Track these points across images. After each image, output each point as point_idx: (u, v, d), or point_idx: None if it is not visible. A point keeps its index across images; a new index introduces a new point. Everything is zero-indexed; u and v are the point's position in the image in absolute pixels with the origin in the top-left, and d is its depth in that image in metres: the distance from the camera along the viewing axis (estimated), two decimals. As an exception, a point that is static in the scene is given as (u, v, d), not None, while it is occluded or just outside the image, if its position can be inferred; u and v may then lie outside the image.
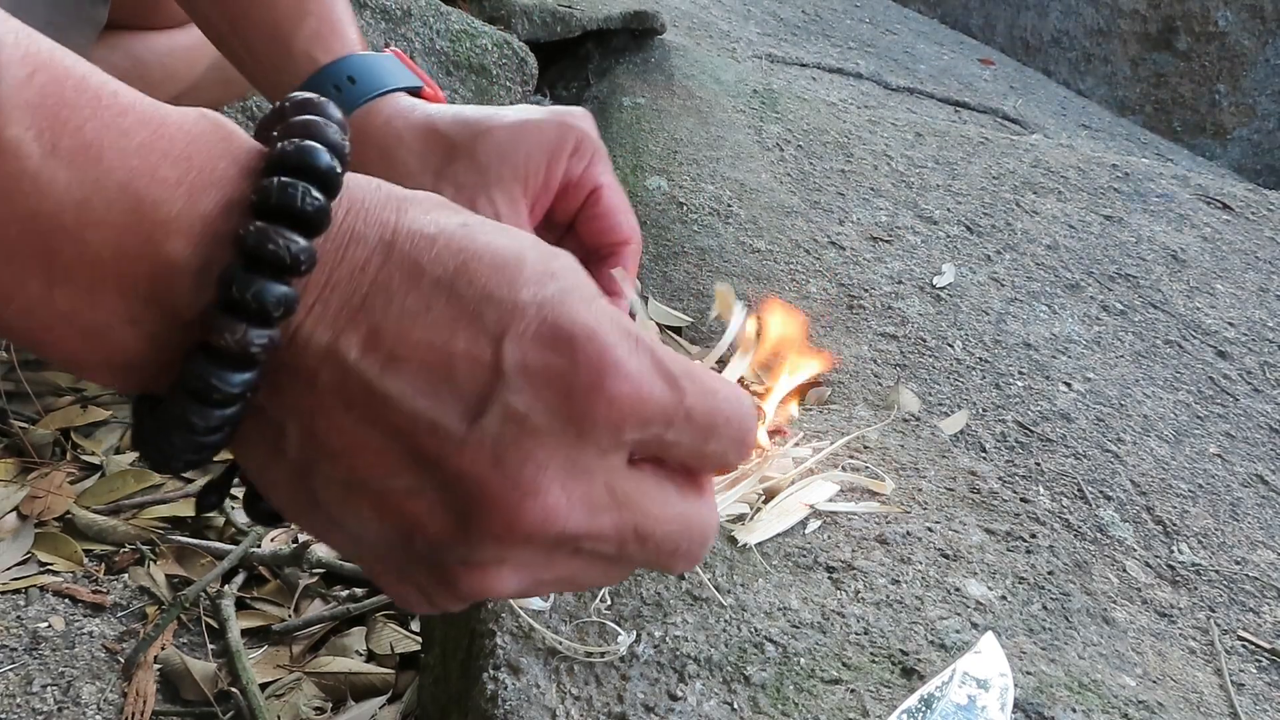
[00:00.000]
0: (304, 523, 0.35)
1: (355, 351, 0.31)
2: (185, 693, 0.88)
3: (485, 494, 0.31)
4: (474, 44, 1.50)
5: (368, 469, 0.32)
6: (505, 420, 0.31)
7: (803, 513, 0.69)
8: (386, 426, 0.31)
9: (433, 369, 0.31)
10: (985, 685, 0.58)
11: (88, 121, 0.29)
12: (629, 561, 0.35)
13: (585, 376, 0.31)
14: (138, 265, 0.30)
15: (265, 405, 0.33)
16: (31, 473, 1.04)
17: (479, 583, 0.33)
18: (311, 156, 0.31)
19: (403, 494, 0.32)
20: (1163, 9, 3.70)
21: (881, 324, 1.01)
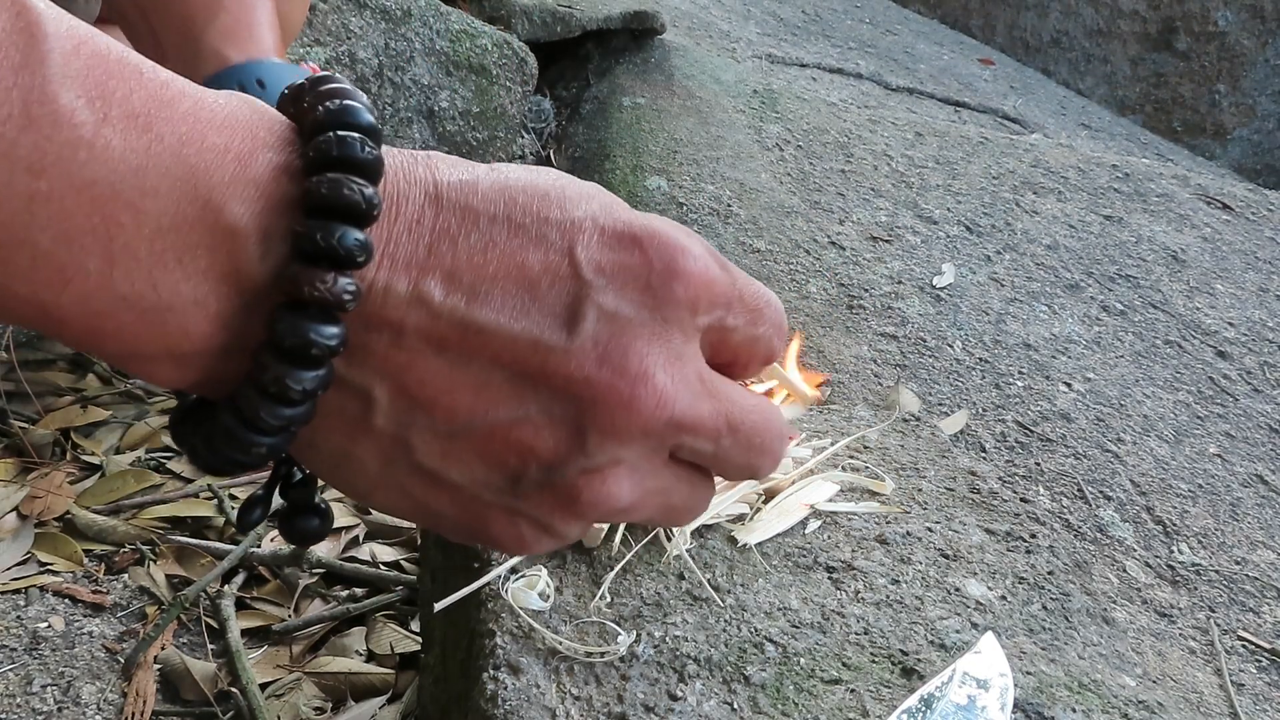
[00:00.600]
0: (392, 499, 0.35)
1: (440, 292, 0.31)
2: (185, 693, 0.88)
3: (598, 391, 0.32)
4: (474, 44, 1.50)
5: (471, 408, 0.32)
6: (600, 320, 0.32)
7: (803, 513, 0.69)
8: (485, 358, 0.32)
9: (518, 291, 0.32)
10: (985, 685, 0.58)
11: (134, 92, 0.29)
12: (723, 460, 0.36)
13: (659, 264, 0.33)
14: (198, 234, 0.29)
15: (346, 375, 0.32)
16: (31, 473, 1.04)
17: (600, 488, 0.33)
18: (355, 115, 0.32)
19: (510, 424, 0.32)
20: (1163, 9, 3.70)
21: (881, 324, 1.01)
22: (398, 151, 0.34)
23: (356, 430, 0.33)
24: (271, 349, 0.30)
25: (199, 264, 0.30)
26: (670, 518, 0.38)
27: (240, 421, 0.31)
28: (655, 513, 0.37)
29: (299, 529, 0.37)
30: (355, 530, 1.06)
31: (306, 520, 0.37)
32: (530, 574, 0.60)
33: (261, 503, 0.37)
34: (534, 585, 0.60)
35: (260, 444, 0.32)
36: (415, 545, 1.04)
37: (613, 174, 1.35)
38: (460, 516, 0.35)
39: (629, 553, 0.63)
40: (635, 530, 0.64)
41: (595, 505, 0.34)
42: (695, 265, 0.34)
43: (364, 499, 0.36)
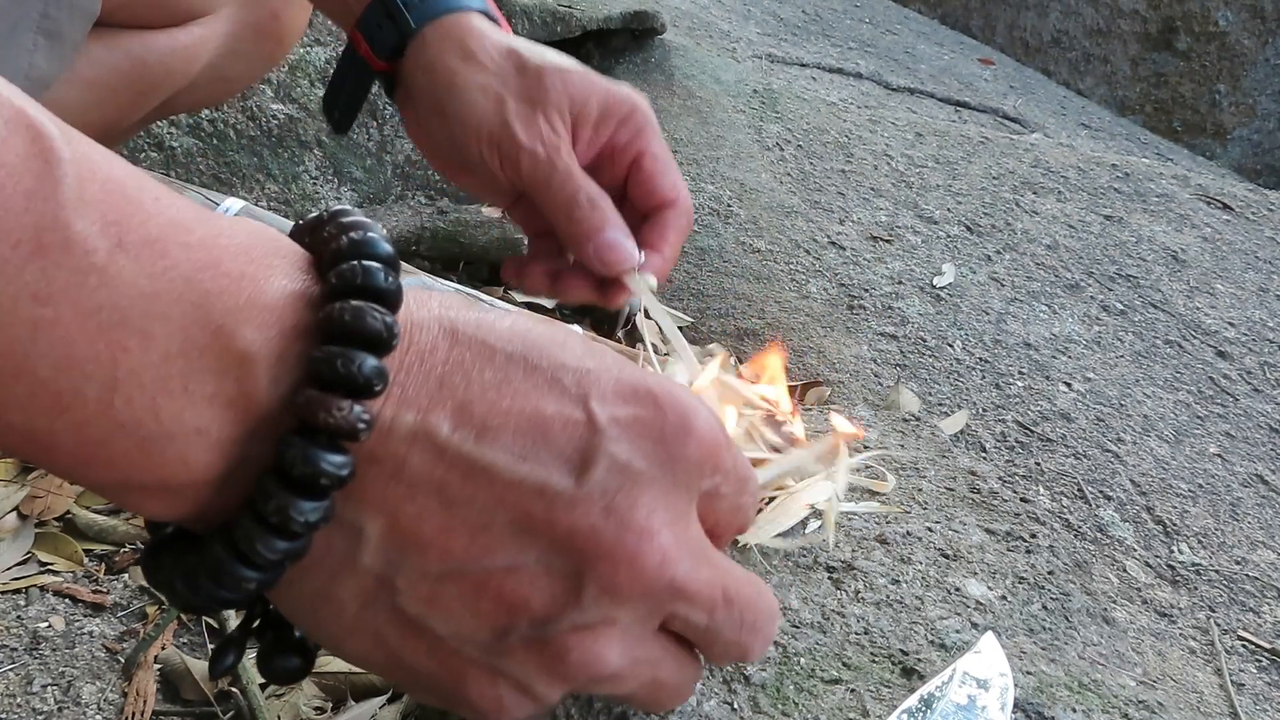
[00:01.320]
0: (365, 648, 0.33)
1: (447, 427, 0.30)
2: (185, 693, 0.88)
3: (601, 544, 0.31)
4: (474, 44, 1.50)
5: (466, 552, 0.31)
6: (611, 470, 0.31)
7: (803, 513, 0.69)
8: (487, 499, 0.31)
9: (530, 433, 0.31)
10: (985, 685, 0.58)
11: (150, 219, 0.28)
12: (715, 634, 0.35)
13: (674, 421, 0.33)
14: (208, 360, 0.29)
15: (340, 509, 0.31)
16: (32, 472, 1.04)
17: (590, 648, 0.32)
18: (376, 246, 0.31)
19: (504, 572, 0.31)
20: (1163, 9, 3.70)
21: (881, 324, 1.01)
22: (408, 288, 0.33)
23: (341, 568, 0.32)
24: (277, 477, 0.29)
25: (206, 390, 0.29)
26: (655, 696, 0.36)
27: (233, 554, 0.30)
28: (640, 688, 0.35)
29: (279, 669, 0.35)
30: (355, 530, 1.06)
31: (287, 659, 0.35)
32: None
33: (235, 646, 0.35)
34: None
35: (250, 579, 0.30)
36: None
37: (613, 174, 1.36)
38: (436, 672, 0.33)
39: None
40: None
41: (583, 667, 0.32)
42: (706, 427, 0.33)
43: (334, 646, 0.34)
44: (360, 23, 0.65)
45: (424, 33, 0.63)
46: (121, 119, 0.88)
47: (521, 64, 0.61)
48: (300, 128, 1.34)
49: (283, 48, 0.95)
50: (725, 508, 0.36)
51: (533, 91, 0.60)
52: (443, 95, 0.61)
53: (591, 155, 0.64)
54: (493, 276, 1.39)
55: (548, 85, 0.60)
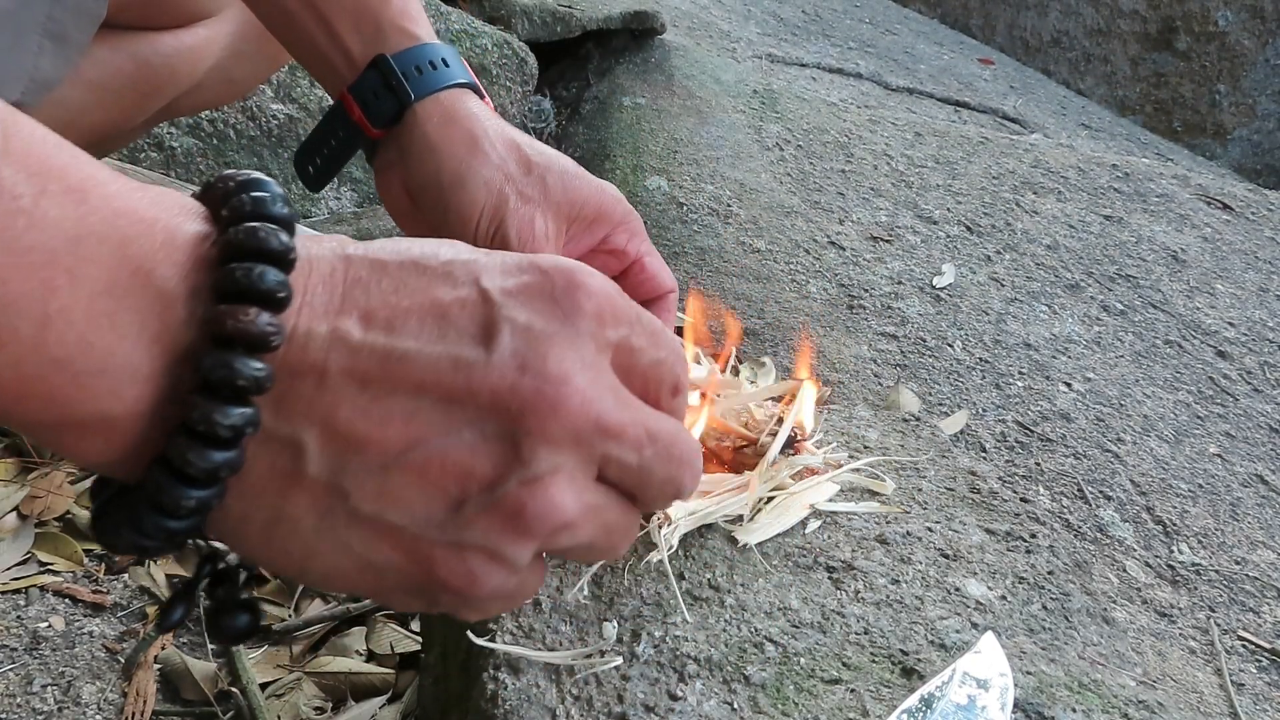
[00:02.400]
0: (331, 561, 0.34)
1: (358, 330, 0.33)
2: (185, 693, 0.88)
3: (525, 399, 0.33)
4: (474, 44, 1.50)
5: (403, 439, 0.33)
6: (514, 334, 0.34)
7: (803, 513, 0.69)
8: (410, 386, 0.33)
9: (433, 320, 0.34)
10: (985, 685, 0.58)
11: (71, 171, 0.31)
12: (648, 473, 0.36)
13: (560, 280, 0.35)
14: (131, 298, 0.31)
15: (274, 426, 0.33)
16: (31, 473, 1.04)
17: (543, 497, 0.33)
18: (261, 184, 0.34)
19: (444, 450, 0.33)
20: (1163, 9, 3.70)
21: (881, 324, 1.01)
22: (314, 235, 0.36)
23: (289, 485, 0.33)
24: (200, 391, 0.31)
25: (131, 326, 0.31)
26: (610, 541, 0.37)
27: (170, 474, 0.31)
28: (595, 532, 0.36)
29: (228, 627, 0.37)
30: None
31: (235, 618, 0.37)
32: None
33: (184, 599, 0.36)
34: None
35: (189, 498, 0.31)
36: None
37: (613, 174, 1.35)
38: (404, 564, 0.34)
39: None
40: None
41: (542, 517, 0.34)
42: (594, 281, 0.36)
43: (302, 569, 0.35)
44: (354, 88, 0.67)
45: (424, 107, 0.65)
46: (126, 120, 0.88)
47: (525, 161, 0.65)
48: (300, 128, 1.34)
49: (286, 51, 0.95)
50: (645, 362, 0.37)
51: (534, 191, 0.64)
52: (446, 181, 0.64)
53: (580, 253, 0.68)
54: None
55: (549, 186, 0.64)
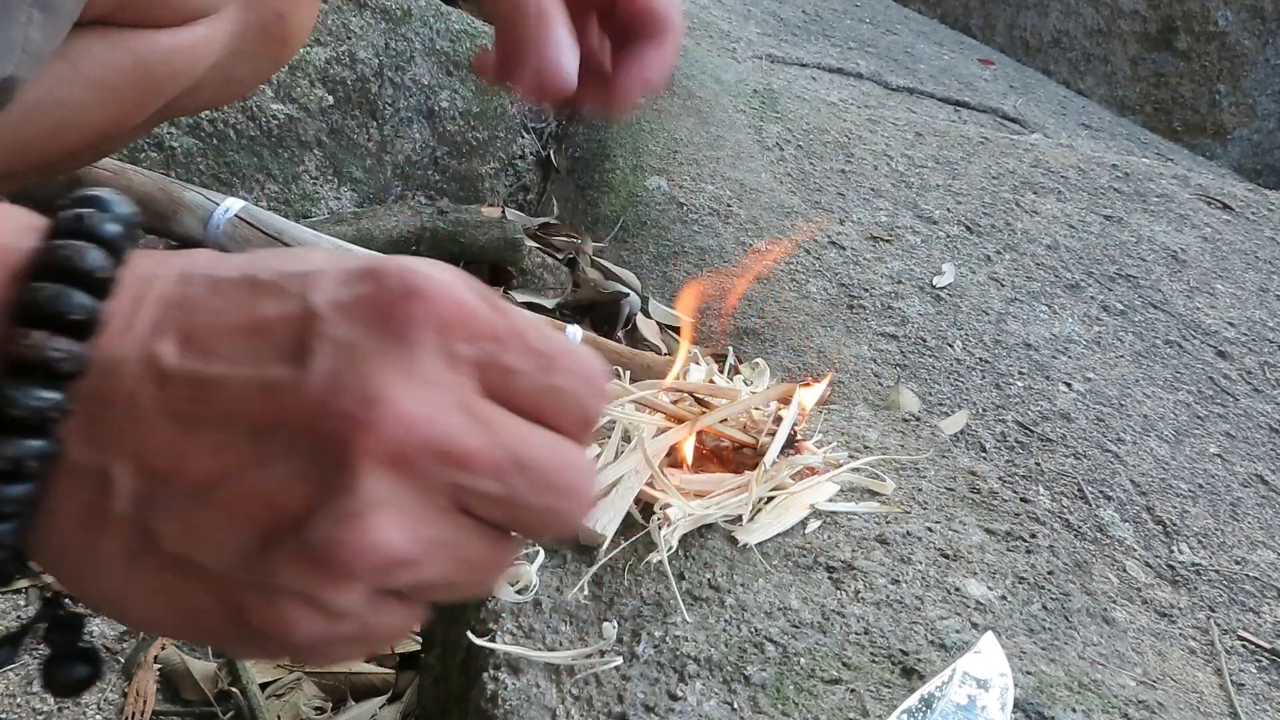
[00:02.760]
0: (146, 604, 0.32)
1: (173, 355, 0.30)
2: (185, 693, 0.88)
3: (336, 425, 0.29)
4: (474, 44, 1.50)
5: (210, 473, 0.30)
6: (332, 352, 0.30)
7: (803, 513, 0.69)
8: (219, 415, 0.30)
9: (249, 340, 0.31)
10: (985, 685, 0.58)
11: None
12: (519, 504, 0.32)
13: (397, 288, 0.31)
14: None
15: (82, 458, 0.31)
16: (31, 473, 1.04)
17: (361, 535, 0.29)
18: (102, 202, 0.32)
19: (252, 485, 0.30)
20: (1163, 9, 3.70)
21: (881, 324, 1.01)
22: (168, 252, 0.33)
23: (97, 522, 0.31)
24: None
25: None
26: (470, 574, 0.33)
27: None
28: (449, 568, 0.32)
29: (62, 678, 0.34)
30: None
31: (72, 668, 0.34)
32: (518, 565, 0.60)
33: (10, 642, 0.34)
34: (515, 580, 0.60)
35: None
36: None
37: (613, 174, 1.35)
38: (218, 609, 0.31)
39: (615, 549, 0.63)
40: (630, 529, 0.64)
41: (361, 556, 0.29)
42: (437, 288, 0.31)
43: (120, 613, 0.33)
44: None
45: None
46: (126, 119, 0.87)
47: None
48: (300, 128, 1.34)
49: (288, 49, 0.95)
50: (530, 388, 0.32)
51: None
52: None
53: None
54: (493, 276, 1.39)
55: None
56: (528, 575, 0.60)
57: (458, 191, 1.50)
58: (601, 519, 0.63)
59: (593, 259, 1.37)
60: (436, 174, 1.48)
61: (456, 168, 1.50)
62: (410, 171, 1.46)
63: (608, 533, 0.63)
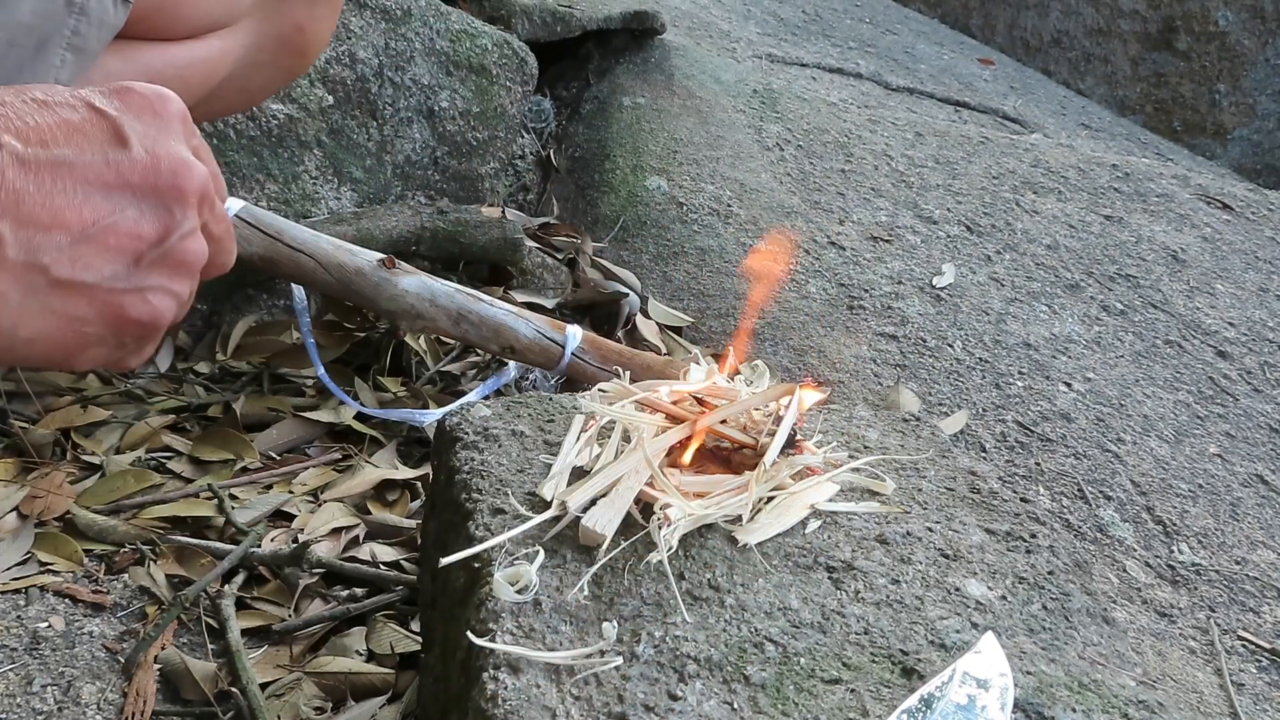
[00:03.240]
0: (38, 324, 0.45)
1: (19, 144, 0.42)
2: (185, 693, 0.88)
3: (165, 177, 0.46)
4: (474, 44, 1.50)
5: (81, 221, 0.44)
6: (138, 135, 0.46)
7: (803, 513, 0.69)
8: (74, 185, 0.44)
9: (75, 136, 0.44)
10: (985, 685, 0.58)
11: None
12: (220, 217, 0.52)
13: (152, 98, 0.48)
14: None
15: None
16: (32, 473, 1.04)
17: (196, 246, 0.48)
18: None
19: (116, 225, 0.45)
20: (1163, 9, 3.70)
21: (881, 324, 1.01)
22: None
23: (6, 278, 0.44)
24: None
25: None
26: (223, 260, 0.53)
27: None
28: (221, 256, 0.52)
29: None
30: (355, 530, 1.06)
31: None
32: (518, 565, 0.60)
33: None
34: (515, 580, 0.60)
35: None
36: (415, 545, 1.04)
37: (613, 173, 1.36)
38: (102, 312, 0.46)
39: (615, 549, 0.63)
40: (630, 529, 0.64)
41: (197, 260, 0.49)
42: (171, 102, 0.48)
43: (10, 339, 0.46)
44: None
45: None
46: None
47: None
48: (300, 128, 1.34)
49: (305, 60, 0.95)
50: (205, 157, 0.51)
51: None
52: None
53: None
54: (493, 276, 1.39)
55: None
56: (528, 575, 0.60)
57: (458, 191, 1.50)
58: (601, 519, 0.63)
59: (593, 259, 1.37)
60: (436, 174, 1.48)
61: (456, 168, 1.50)
62: (410, 171, 1.46)
63: (607, 533, 0.63)
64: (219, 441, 1.12)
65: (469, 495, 0.68)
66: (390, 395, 1.21)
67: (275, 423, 1.16)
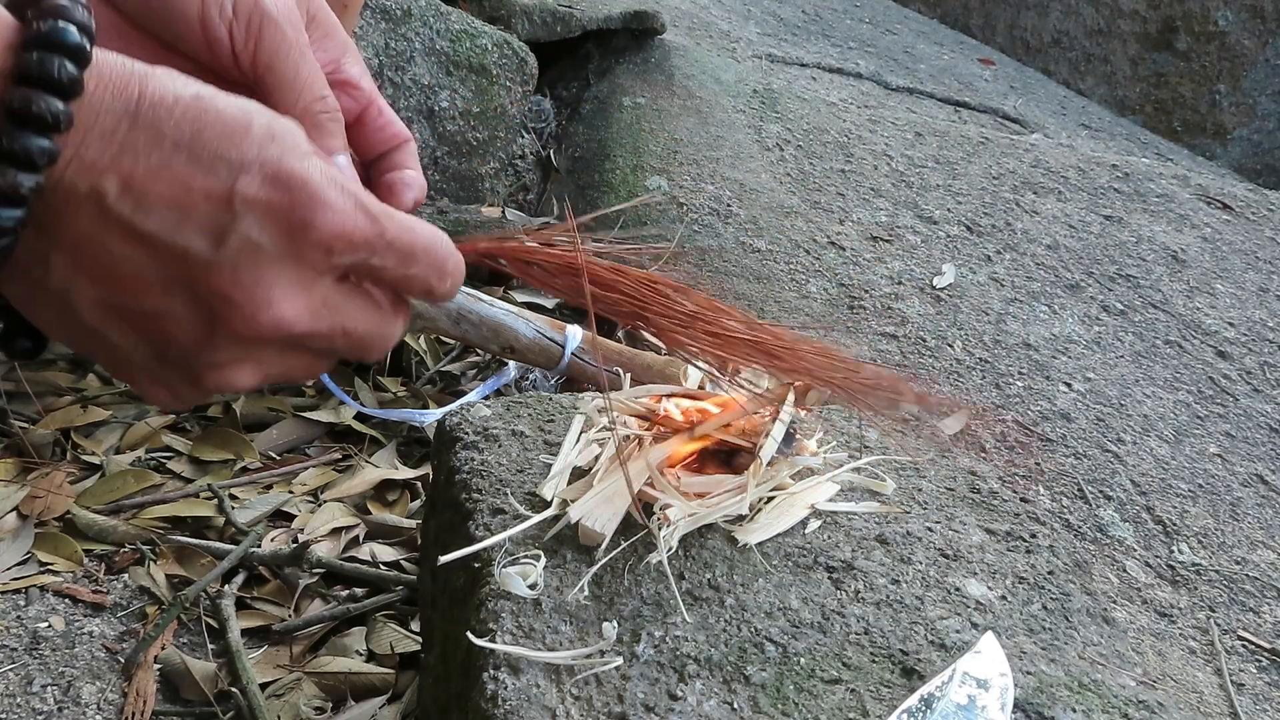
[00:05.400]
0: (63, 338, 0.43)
1: (113, 193, 0.38)
2: (185, 692, 0.88)
3: (230, 304, 0.40)
4: (474, 44, 1.50)
5: (125, 290, 0.40)
6: (242, 248, 0.39)
7: (803, 513, 0.69)
8: (144, 255, 0.39)
9: (179, 208, 0.39)
10: (985, 685, 0.58)
11: None
12: (338, 352, 0.45)
13: (300, 213, 0.40)
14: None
15: (33, 243, 0.39)
16: (32, 473, 1.04)
17: (223, 377, 0.43)
18: (63, 34, 0.38)
19: (156, 314, 0.40)
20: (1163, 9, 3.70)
21: (881, 324, 1.01)
22: (120, 63, 0.39)
23: (38, 286, 0.41)
24: None
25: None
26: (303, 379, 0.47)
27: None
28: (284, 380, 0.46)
29: (16, 347, 0.44)
30: (355, 530, 1.06)
31: (22, 340, 0.44)
32: (525, 562, 0.60)
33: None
34: (526, 575, 0.60)
35: None
36: (415, 545, 1.04)
37: (613, 173, 1.36)
38: (116, 367, 0.44)
39: (615, 549, 0.63)
40: (630, 529, 0.64)
41: (218, 389, 0.43)
42: (329, 216, 0.41)
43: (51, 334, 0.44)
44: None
45: None
46: None
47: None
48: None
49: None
50: (391, 278, 0.44)
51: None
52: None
53: None
54: (493, 276, 1.39)
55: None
56: (536, 571, 0.60)
57: (458, 191, 1.50)
58: (601, 519, 0.63)
59: (593, 259, 1.37)
60: (436, 174, 1.48)
61: (456, 168, 1.50)
62: (410, 171, 1.46)
63: (607, 532, 0.63)
64: (219, 441, 1.12)
65: (469, 495, 0.68)
66: (390, 395, 1.21)
67: (275, 422, 1.16)
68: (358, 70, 0.57)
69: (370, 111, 0.57)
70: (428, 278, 0.45)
